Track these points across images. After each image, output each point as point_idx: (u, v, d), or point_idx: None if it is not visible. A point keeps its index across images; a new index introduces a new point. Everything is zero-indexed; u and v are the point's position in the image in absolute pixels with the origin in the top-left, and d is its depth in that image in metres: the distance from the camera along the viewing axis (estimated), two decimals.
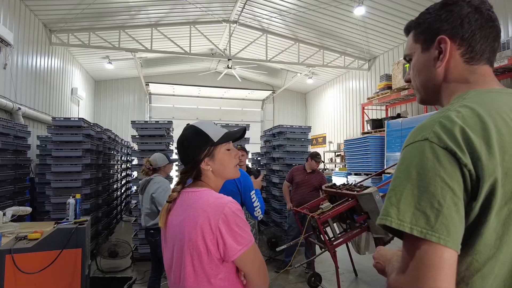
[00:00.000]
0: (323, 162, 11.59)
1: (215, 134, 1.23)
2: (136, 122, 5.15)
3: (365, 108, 9.45)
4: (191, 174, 1.22)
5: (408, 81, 0.94)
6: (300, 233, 4.43)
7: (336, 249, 3.47)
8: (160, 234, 1.44)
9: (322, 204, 3.75)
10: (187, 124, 1.29)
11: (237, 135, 1.30)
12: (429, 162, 0.63)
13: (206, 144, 1.20)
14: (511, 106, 0.71)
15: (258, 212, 2.38)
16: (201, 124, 1.26)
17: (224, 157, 1.24)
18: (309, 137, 5.94)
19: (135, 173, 6.63)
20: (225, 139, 1.25)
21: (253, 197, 2.35)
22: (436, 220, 0.60)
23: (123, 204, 8.69)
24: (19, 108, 6.18)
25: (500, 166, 0.62)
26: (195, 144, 1.20)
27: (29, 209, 3.26)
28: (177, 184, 1.22)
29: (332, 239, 3.55)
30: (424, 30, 0.86)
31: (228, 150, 1.27)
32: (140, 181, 3.39)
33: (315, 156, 4.60)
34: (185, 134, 1.24)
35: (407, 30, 0.91)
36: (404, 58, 0.95)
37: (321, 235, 3.47)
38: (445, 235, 0.59)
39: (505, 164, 0.62)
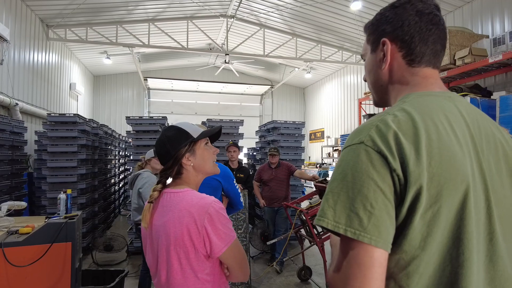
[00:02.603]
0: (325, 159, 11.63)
1: (194, 131, 1.28)
2: (131, 118, 5.20)
3: (362, 103, 9.46)
4: (172, 171, 1.24)
5: (365, 79, 0.96)
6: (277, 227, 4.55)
7: (324, 243, 3.53)
8: None
9: (311, 199, 3.80)
10: (164, 126, 1.34)
11: (214, 132, 1.38)
12: (364, 165, 0.66)
13: (187, 139, 1.25)
14: (445, 111, 0.73)
15: (242, 198, 2.49)
16: (179, 123, 1.31)
17: (204, 152, 1.30)
18: (303, 132, 5.97)
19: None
20: (204, 135, 1.31)
21: (236, 185, 2.43)
22: (369, 222, 0.63)
23: (121, 198, 8.79)
24: (17, 104, 6.23)
25: (427, 171, 0.64)
26: (176, 140, 1.24)
27: (24, 204, 3.33)
28: (157, 183, 1.24)
29: (320, 233, 3.61)
30: (373, 31, 0.88)
31: (206, 143, 1.33)
32: (129, 176, 3.47)
33: (269, 151, 4.68)
34: (164, 134, 1.27)
35: (364, 30, 0.93)
36: (361, 58, 0.97)
37: (310, 229, 3.53)
38: (376, 236, 0.62)
39: (431, 170, 0.65)
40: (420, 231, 0.64)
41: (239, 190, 2.47)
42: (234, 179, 2.44)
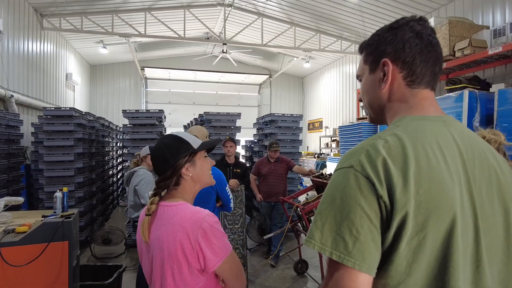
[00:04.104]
0: (324, 151, 11.64)
1: (194, 142, 1.27)
2: (127, 111, 5.16)
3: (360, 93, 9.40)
4: (171, 182, 1.22)
5: (360, 100, 0.97)
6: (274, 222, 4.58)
7: None
8: None
9: (307, 194, 3.82)
10: (161, 134, 1.33)
11: (214, 144, 1.39)
12: (352, 190, 0.67)
13: (187, 150, 1.24)
14: (438, 137, 0.73)
15: (232, 203, 2.53)
16: (179, 133, 1.30)
17: (203, 163, 1.30)
18: (301, 125, 5.95)
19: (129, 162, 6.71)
20: (204, 146, 1.30)
21: (228, 191, 2.46)
22: (354, 247, 0.64)
23: (120, 189, 8.82)
24: (12, 96, 6.17)
25: (414, 199, 0.65)
26: (176, 149, 1.22)
27: (21, 199, 3.34)
28: (154, 195, 1.22)
29: None
30: (371, 52, 0.88)
31: (205, 156, 1.33)
32: (125, 173, 3.47)
33: (270, 146, 4.65)
34: (164, 142, 1.25)
35: (360, 51, 0.93)
36: (357, 78, 0.96)
37: (306, 225, 3.56)
38: (360, 261, 0.64)
39: (419, 197, 0.65)
40: (406, 257, 0.65)
41: (231, 196, 2.49)
42: (227, 185, 2.46)
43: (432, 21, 6.24)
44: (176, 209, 1.17)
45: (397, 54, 0.81)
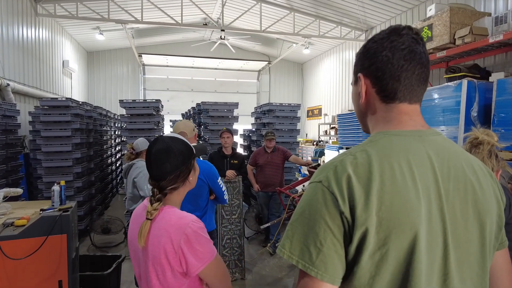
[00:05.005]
0: (321, 140, 11.63)
1: (191, 146, 1.30)
2: (124, 101, 5.14)
3: None
4: (178, 186, 1.22)
5: None
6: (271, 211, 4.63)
7: None
8: None
9: (304, 185, 3.85)
10: (159, 136, 1.31)
11: (205, 151, 1.43)
12: (318, 204, 0.71)
13: (192, 155, 1.26)
14: (409, 154, 0.74)
15: (226, 195, 2.54)
16: (176, 136, 1.29)
17: (196, 168, 1.33)
18: (299, 114, 5.94)
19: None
20: (199, 152, 1.32)
21: (220, 183, 2.46)
22: (317, 257, 0.69)
23: (119, 177, 8.87)
24: (8, 84, 6.12)
25: (376, 215, 0.67)
26: (186, 155, 1.23)
27: (20, 191, 3.36)
28: (157, 200, 1.19)
29: None
30: (355, 63, 0.89)
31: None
32: (123, 166, 3.47)
33: (266, 135, 4.65)
34: (171, 145, 1.21)
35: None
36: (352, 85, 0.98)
37: None
38: (323, 271, 0.68)
39: (381, 214, 0.68)
40: (368, 270, 0.69)
41: (224, 188, 2.50)
42: (219, 177, 2.46)
43: (433, 8, 6.13)
44: (162, 213, 1.19)
45: (370, 69, 0.81)
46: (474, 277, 0.75)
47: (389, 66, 0.78)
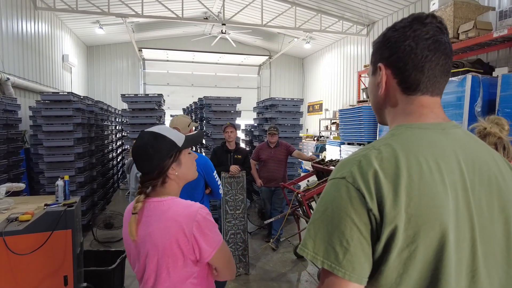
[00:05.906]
0: (322, 134, 11.62)
1: (178, 139, 1.24)
2: (126, 95, 5.10)
3: (361, 75, 9.29)
4: (157, 182, 1.21)
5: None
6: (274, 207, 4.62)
7: None
8: None
9: (308, 181, 3.84)
10: (141, 131, 1.28)
11: (199, 140, 1.37)
12: (343, 201, 0.68)
13: (172, 149, 1.22)
14: (434, 147, 0.72)
15: (221, 189, 2.53)
16: (160, 129, 1.25)
17: (188, 161, 1.28)
18: (301, 109, 5.91)
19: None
20: (189, 142, 1.28)
21: (216, 177, 2.46)
22: (344, 257, 0.66)
23: (120, 172, 8.85)
24: (8, 79, 6.07)
25: (405, 212, 0.65)
26: (161, 150, 1.19)
27: (22, 186, 3.33)
28: (139, 193, 1.21)
29: None
30: (373, 53, 0.85)
31: (189, 153, 1.31)
32: (126, 161, 3.45)
33: (268, 130, 4.63)
34: (147, 142, 1.20)
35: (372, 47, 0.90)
36: (368, 75, 0.95)
37: (306, 210, 3.60)
38: (350, 271, 0.65)
39: (409, 211, 0.65)
40: (396, 268, 0.67)
41: (219, 182, 2.49)
42: (215, 171, 2.45)
43: (436, 2, 6.08)
44: (167, 203, 1.18)
45: (391, 59, 0.78)
46: (499, 272, 0.73)
47: (412, 56, 0.75)
